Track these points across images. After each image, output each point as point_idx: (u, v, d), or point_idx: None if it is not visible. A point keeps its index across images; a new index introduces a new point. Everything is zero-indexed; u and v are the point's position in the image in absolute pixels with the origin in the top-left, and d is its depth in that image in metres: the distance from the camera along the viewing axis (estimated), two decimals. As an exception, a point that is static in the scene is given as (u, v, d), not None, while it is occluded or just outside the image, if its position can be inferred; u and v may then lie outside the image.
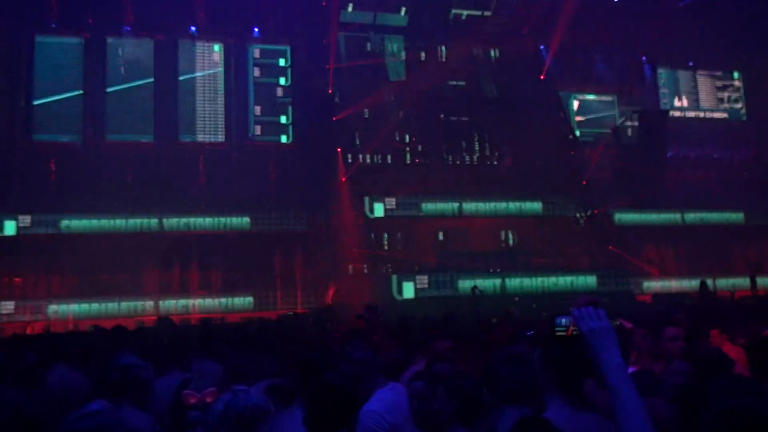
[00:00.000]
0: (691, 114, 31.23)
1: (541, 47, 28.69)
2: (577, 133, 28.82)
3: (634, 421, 2.09)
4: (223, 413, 2.63)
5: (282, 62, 27.55)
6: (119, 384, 3.98)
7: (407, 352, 5.80)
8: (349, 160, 25.11)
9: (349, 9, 26.88)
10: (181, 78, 26.35)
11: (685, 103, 31.35)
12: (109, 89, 25.43)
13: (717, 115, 31.64)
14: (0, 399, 3.14)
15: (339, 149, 24.80)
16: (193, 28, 26.57)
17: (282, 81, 27.35)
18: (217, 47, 27.05)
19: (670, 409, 3.19)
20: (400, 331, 7.56)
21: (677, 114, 30.39)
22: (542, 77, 28.07)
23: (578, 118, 29.57)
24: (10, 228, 22.09)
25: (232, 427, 2.54)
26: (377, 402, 4.01)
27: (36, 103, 24.78)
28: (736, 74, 32.14)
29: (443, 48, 28.53)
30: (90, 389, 4.67)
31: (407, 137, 26.45)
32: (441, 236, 25.70)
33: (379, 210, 24.23)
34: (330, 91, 25.28)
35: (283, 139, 26.91)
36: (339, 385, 2.89)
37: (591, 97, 30.05)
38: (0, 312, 20.91)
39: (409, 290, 21.90)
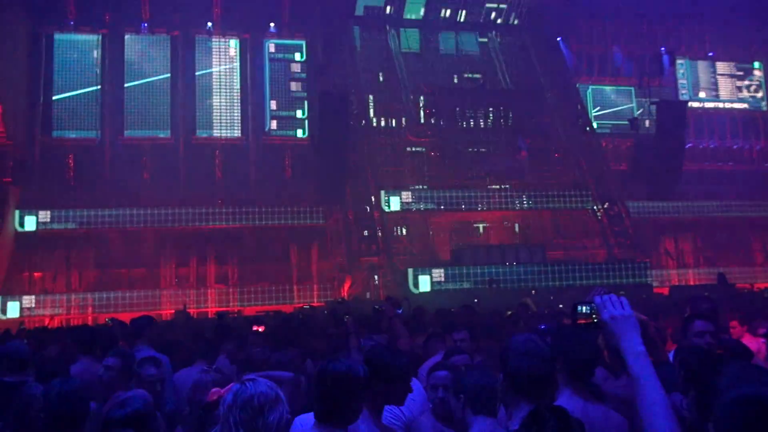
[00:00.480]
0: (710, 105, 30.85)
1: (559, 39, 28.46)
2: (595, 125, 28.58)
3: (656, 410, 2.07)
4: (232, 402, 2.65)
5: (297, 56, 27.60)
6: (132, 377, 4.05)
7: (424, 343, 5.80)
8: (365, 154, 25.09)
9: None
10: (197, 74, 26.50)
11: (703, 94, 30.97)
12: (127, 84, 25.64)
13: (737, 105, 31.23)
14: (27, 394, 3.21)
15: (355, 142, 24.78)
16: (209, 24, 26.69)
17: (298, 75, 27.41)
18: (233, 43, 27.15)
19: (686, 402, 3.19)
20: (415, 322, 7.56)
21: (696, 105, 30.03)
22: (559, 69, 27.84)
23: (595, 110, 29.34)
24: (30, 223, 22.38)
25: (241, 416, 2.56)
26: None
27: (55, 98, 25.04)
28: (756, 64, 31.68)
29: (459, 40, 28.40)
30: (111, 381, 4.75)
31: (423, 130, 26.36)
32: (457, 229, 25.66)
33: (395, 203, 24.20)
34: (346, 86, 25.24)
35: (300, 133, 26.99)
36: (341, 372, 2.91)
37: (608, 88, 29.80)
38: (21, 306, 21.18)
39: (425, 283, 21.88)
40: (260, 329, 10.36)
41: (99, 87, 25.55)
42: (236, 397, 2.65)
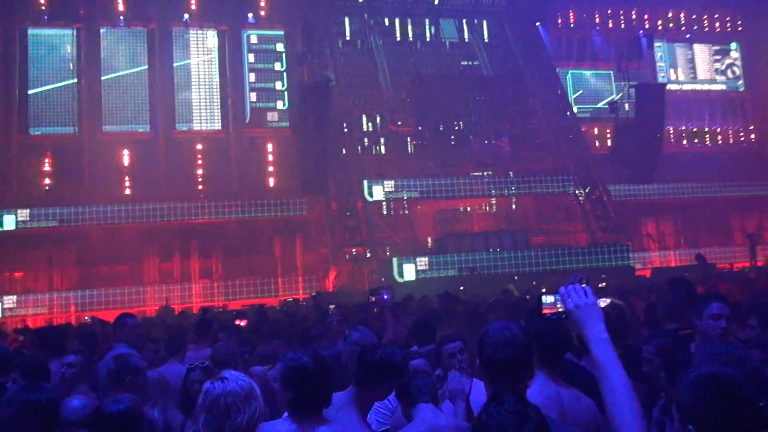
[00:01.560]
0: (689, 87, 31.09)
1: (538, 24, 28.50)
2: (575, 109, 28.71)
3: (619, 396, 2.12)
4: (201, 402, 2.62)
5: (277, 47, 27.40)
6: (115, 374, 4.00)
7: (411, 334, 5.83)
8: (347, 144, 25.03)
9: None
10: (175, 66, 26.24)
11: (682, 76, 31.20)
12: (104, 77, 25.33)
13: (714, 87, 31.51)
14: (7, 397, 3.18)
15: (337, 133, 24.70)
16: (186, 16, 26.40)
17: (277, 66, 27.23)
18: (211, 34, 26.89)
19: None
20: (402, 311, 7.60)
21: (674, 87, 30.25)
22: (539, 53, 27.91)
23: (575, 94, 29.46)
24: (9, 223, 22.11)
25: (207, 417, 2.52)
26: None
27: (31, 92, 24.68)
28: (733, 45, 31.94)
29: (438, 27, 28.35)
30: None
31: (404, 119, 26.33)
32: (440, 217, 25.74)
33: (378, 193, 24.19)
34: (327, 75, 25.11)
35: (281, 124, 26.84)
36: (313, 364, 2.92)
37: (588, 72, 29.91)
38: (2, 306, 20.97)
39: (410, 272, 21.94)
40: (243, 323, 10.36)
41: (75, 82, 25.20)
42: (205, 397, 2.62)
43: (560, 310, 2.33)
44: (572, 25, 29.88)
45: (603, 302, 5.42)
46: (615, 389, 2.13)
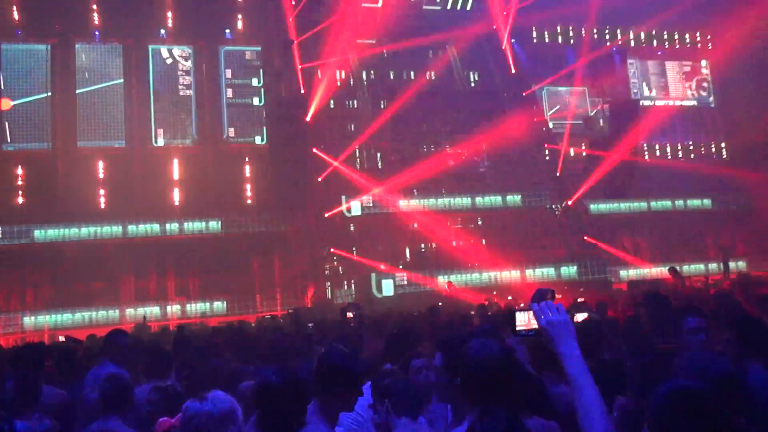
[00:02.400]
0: (661, 103, 31.65)
1: (513, 41, 28.86)
2: (551, 125, 29.06)
3: (592, 413, 2.14)
4: (181, 419, 2.60)
5: (254, 63, 27.40)
6: (108, 395, 3.86)
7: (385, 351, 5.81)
8: (326, 159, 25.04)
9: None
10: (151, 81, 26.10)
11: (654, 92, 31.75)
12: (79, 91, 25.09)
13: (686, 103, 32.11)
14: None
15: (315, 149, 24.70)
16: (162, 32, 26.32)
17: (254, 82, 27.22)
18: (187, 49, 26.82)
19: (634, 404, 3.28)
20: (379, 327, 7.58)
21: (647, 103, 30.77)
22: (513, 71, 28.24)
23: (551, 110, 29.81)
24: (-19, 240, 21.70)
25: None
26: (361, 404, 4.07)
27: (5, 108, 24.33)
28: (704, 62, 32.62)
29: (415, 44, 28.54)
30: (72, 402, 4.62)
31: (382, 134, 26.41)
32: (418, 232, 25.78)
33: (356, 208, 24.23)
34: (303, 91, 25.16)
35: (258, 140, 26.79)
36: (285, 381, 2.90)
37: (563, 89, 30.29)
38: (-26, 326, 20.52)
39: (388, 288, 21.96)
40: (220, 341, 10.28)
41: (50, 96, 24.91)
42: (183, 414, 2.60)
43: (533, 327, 2.35)
44: (547, 42, 30.28)
45: (580, 317, 5.49)
46: (588, 406, 2.15)
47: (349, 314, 7.20)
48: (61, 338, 11.04)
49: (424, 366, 4.20)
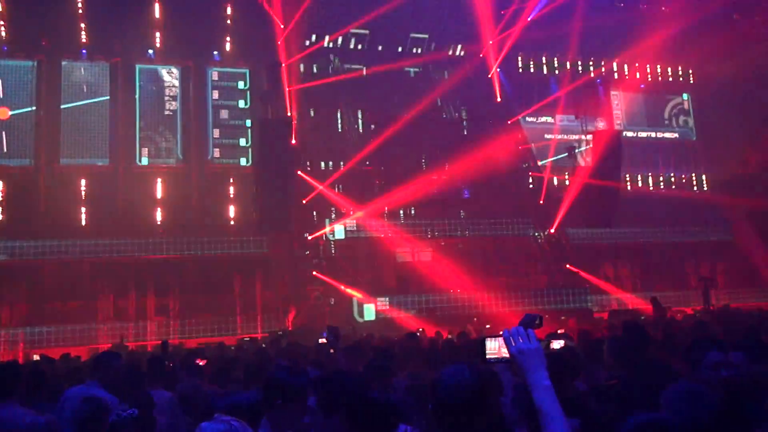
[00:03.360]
0: (644, 134, 32.06)
1: (498, 70, 29.19)
2: (534, 153, 29.31)
3: None
4: None
5: (241, 85, 27.46)
6: (85, 418, 3.76)
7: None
8: (311, 182, 25.03)
9: (312, 38, 27.03)
10: (137, 100, 26.02)
11: (637, 123, 32.16)
12: (63, 106, 24.93)
13: (668, 135, 32.56)
14: None
15: (299, 171, 24.70)
16: (150, 52, 26.33)
17: (241, 104, 27.25)
18: (174, 69, 26.83)
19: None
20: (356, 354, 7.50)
21: (630, 134, 31.16)
22: (498, 100, 28.52)
23: (535, 139, 30.08)
24: (-43, 255, 21.35)
25: None
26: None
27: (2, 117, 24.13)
28: (685, 96, 33.17)
29: (403, 70, 28.79)
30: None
31: (366, 159, 26.49)
32: (401, 257, 25.74)
33: (340, 232, 24.19)
34: (290, 114, 25.21)
35: (243, 161, 26.74)
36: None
37: (547, 118, 30.58)
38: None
39: (370, 312, 21.85)
40: (202, 363, 10.13)
41: (34, 112, 24.71)
42: None
43: (504, 355, 2.27)
44: (531, 73, 30.65)
45: (557, 344, 5.48)
46: None
47: (322, 340, 7.11)
48: (36, 357, 10.81)
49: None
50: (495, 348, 2.32)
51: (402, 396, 4.04)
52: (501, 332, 2.32)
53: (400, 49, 28.21)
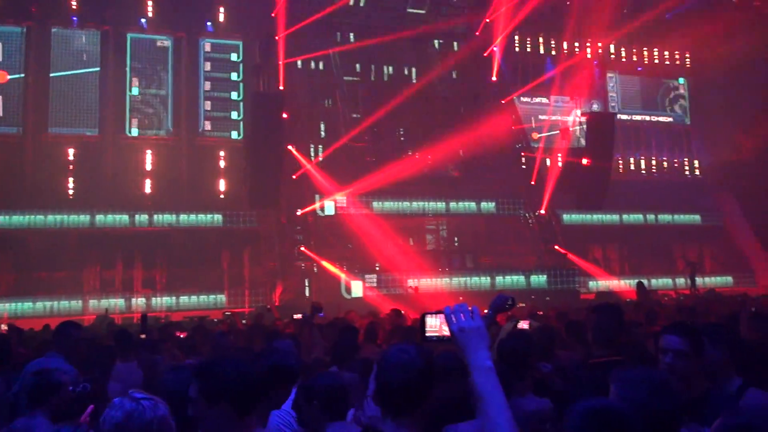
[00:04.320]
0: (638, 118, 31.92)
1: (494, 48, 28.89)
2: (527, 133, 29.16)
3: (501, 430, 1.93)
4: (122, 424, 2.41)
5: (234, 57, 27.13)
6: (34, 390, 3.69)
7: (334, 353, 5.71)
8: (301, 158, 24.85)
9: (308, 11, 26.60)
10: (128, 70, 25.69)
11: (632, 106, 32.01)
12: (53, 75, 24.59)
13: (662, 119, 32.43)
14: None
15: (290, 146, 24.50)
16: (142, 21, 25.94)
17: (234, 76, 26.95)
18: (167, 39, 26.47)
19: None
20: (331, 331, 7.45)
21: (625, 117, 31.02)
22: (494, 79, 28.27)
23: (528, 119, 29.91)
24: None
25: None
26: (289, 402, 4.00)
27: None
28: (681, 80, 32.99)
29: (397, 48, 28.46)
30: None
31: (360, 135, 26.29)
32: (390, 234, 25.68)
33: (330, 208, 24.09)
34: (283, 88, 24.95)
35: (234, 135, 26.52)
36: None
37: (541, 98, 30.39)
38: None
39: (357, 289, 21.85)
40: (182, 335, 10.12)
41: (23, 79, 24.40)
42: (130, 418, 2.41)
43: (445, 333, 2.11)
44: (526, 53, 30.37)
45: (523, 323, 5.44)
46: (497, 425, 1.93)
47: (297, 315, 7.05)
48: (3, 326, 10.73)
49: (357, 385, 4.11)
50: (436, 325, 2.16)
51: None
52: (444, 309, 2.14)
53: (396, 24, 27.85)
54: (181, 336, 9.87)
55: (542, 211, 26.12)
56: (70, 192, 23.81)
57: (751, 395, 3.24)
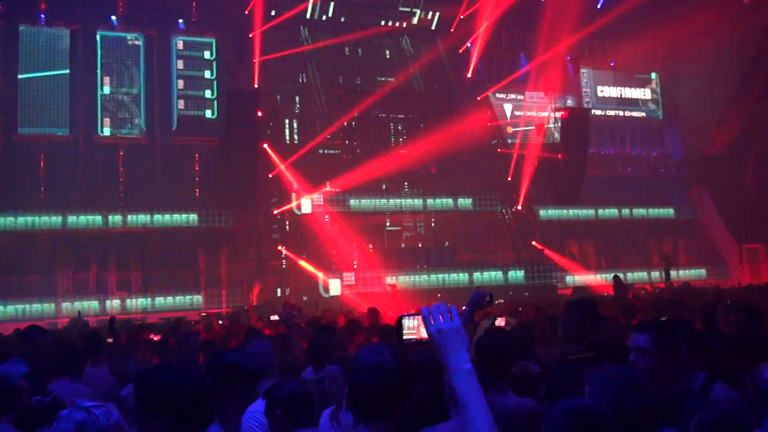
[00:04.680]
0: (612, 113, 32.20)
1: (468, 45, 28.95)
2: (503, 129, 29.27)
3: None
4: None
5: (207, 55, 26.83)
6: None
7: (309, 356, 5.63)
8: (276, 156, 24.67)
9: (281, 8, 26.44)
10: (98, 70, 25.27)
11: (605, 102, 32.27)
12: (21, 76, 24.11)
13: (635, 114, 32.75)
14: None
15: (266, 144, 24.31)
16: (113, 18, 25.54)
17: (207, 74, 26.65)
18: (138, 37, 26.08)
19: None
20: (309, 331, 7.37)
21: (599, 113, 31.28)
22: (469, 75, 28.33)
23: (503, 116, 30.03)
24: None
25: None
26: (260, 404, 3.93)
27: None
28: (653, 75, 33.33)
29: (373, 43, 28.42)
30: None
31: (336, 133, 26.20)
32: (369, 232, 25.64)
33: (306, 206, 23.94)
34: (256, 85, 24.75)
35: (209, 134, 26.19)
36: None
37: (516, 95, 30.50)
38: None
39: (335, 288, 21.76)
40: (156, 338, 9.94)
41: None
42: (82, 428, 2.33)
43: (423, 336, 2.03)
44: (502, 49, 30.46)
45: (500, 321, 5.41)
46: (476, 429, 1.87)
47: (274, 317, 6.95)
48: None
49: (339, 375, 4.04)
50: (413, 327, 2.08)
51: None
52: (421, 309, 2.05)
53: (368, 21, 27.78)
54: (155, 339, 9.71)
55: (519, 207, 26.27)
56: (41, 192, 23.37)
57: (717, 390, 3.25)
